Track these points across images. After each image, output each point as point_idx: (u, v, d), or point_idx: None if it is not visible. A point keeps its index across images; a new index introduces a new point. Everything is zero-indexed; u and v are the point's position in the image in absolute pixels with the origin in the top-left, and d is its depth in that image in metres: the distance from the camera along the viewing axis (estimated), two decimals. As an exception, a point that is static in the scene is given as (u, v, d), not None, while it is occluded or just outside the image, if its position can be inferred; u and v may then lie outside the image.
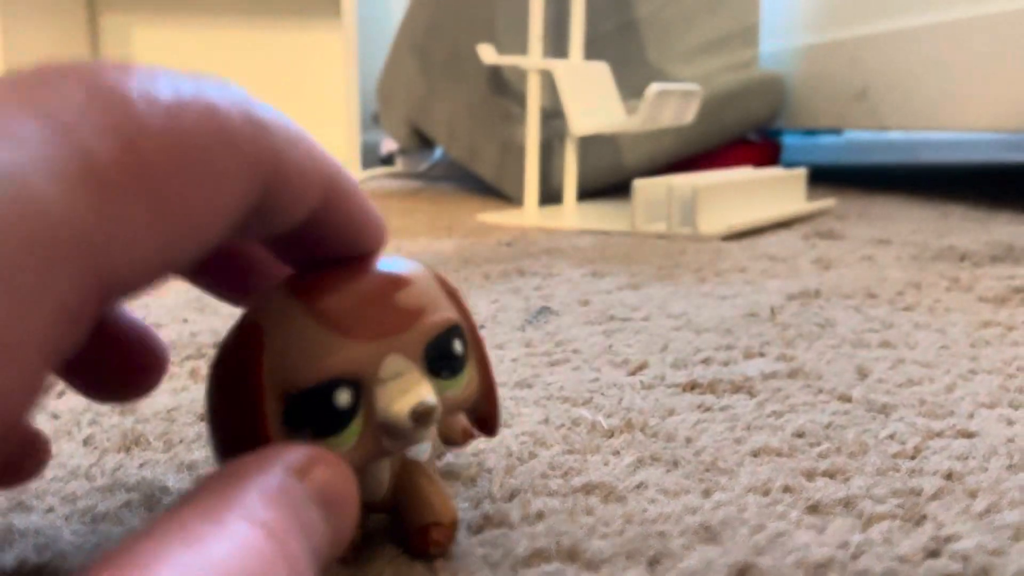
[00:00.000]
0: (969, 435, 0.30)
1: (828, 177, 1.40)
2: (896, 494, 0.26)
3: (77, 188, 0.12)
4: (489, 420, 0.22)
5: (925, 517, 0.24)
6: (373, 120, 1.76)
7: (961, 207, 1.01)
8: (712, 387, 0.36)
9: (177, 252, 0.13)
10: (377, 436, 0.18)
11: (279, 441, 0.17)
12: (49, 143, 0.12)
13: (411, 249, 0.74)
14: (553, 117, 1.08)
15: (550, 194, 1.07)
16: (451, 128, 1.23)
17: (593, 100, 0.98)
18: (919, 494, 0.26)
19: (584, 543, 0.23)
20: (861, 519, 0.24)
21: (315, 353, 0.17)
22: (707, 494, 0.26)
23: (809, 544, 0.23)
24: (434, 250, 0.73)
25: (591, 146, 1.10)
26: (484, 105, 1.14)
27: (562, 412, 0.33)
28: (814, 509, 0.25)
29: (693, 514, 0.24)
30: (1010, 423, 0.32)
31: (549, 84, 1.03)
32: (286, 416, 0.17)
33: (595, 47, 1.12)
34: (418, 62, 1.29)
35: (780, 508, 0.25)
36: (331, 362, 0.17)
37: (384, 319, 0.18)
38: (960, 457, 0.28)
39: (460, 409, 0.20)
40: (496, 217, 0.95)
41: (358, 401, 0.18)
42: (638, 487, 0.26)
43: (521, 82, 1.09)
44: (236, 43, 1.67)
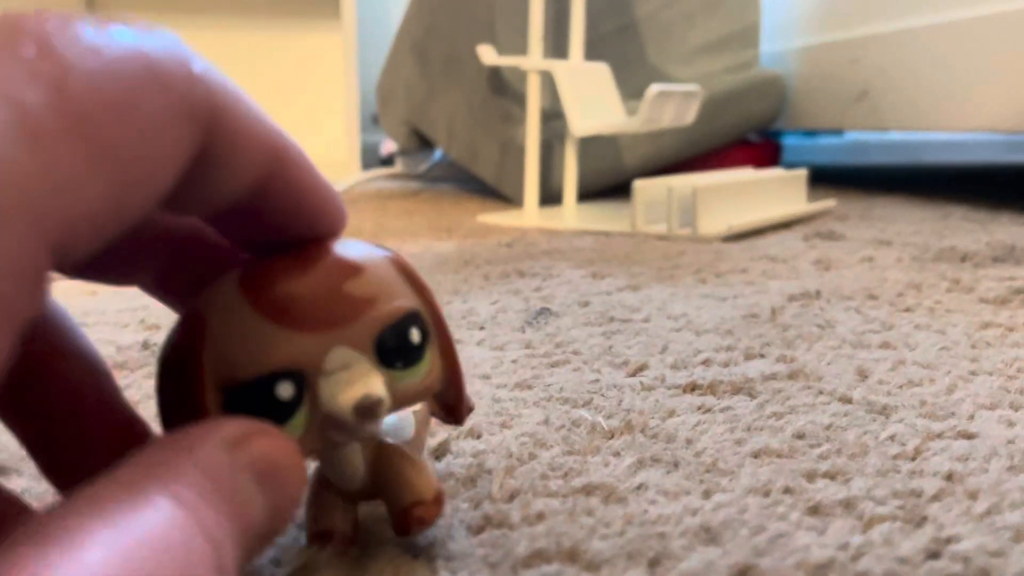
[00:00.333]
0: (970, 436, 0.30)
1: (828, 178, 1.40)
2: (897, 495, 0.26)
3: (11, 139, 0.11)
4: (455, 408, 0.21)
5: (926, 518, 0.24)
6: (373, 121, 1.77)
7: (962, 208, 1.01)
8: (712, 388, 0.36)
9: (124, 204, 0.13)
10: (323, 428, 0.18)
11: None
12: None
13: (411, 250, 0.74)
14: (553, 118, 1.08)
15: (550, 195, 1.07)
16: (451, 129, 1.23)
17: (593, 101, 0.98)
18: (920, 495, 0.26)
19: (584, 544, 0.22)
20: (862, 520, 0.24)
21: (256, 346, 0.17)
22: (707, 495, 0.26)
23: (810, 545, 0.23)
24: (434, 251, 0.73)
25: (591, 147, 1.10)
26: (484, 106, 1.14)
27: (562, 413, 0.33)
28: (815, 510, 0.25)
29: (693, 515, 0.24)
30: (1011, 424, 0.32)
31: (549, 85, 1.03)
32: (227, 408, 0.17)
33: (595, 48, 1.12)
34: (418, 63, 1.29)
35: (780, 509, 0.25)
36: (271, 355, 0.17)
37: (330, 310, 0.18)
38: (961, 458, 0.28)
39: (420, 399, 0.20)
40: (496, 218, 0.95)
41: (302, 393, 0.17)
42: (638, 488, 0.26)
43: (521, 83, 1.09)
44: (236, 44, 1.67)
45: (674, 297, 0.54)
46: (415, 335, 0.19)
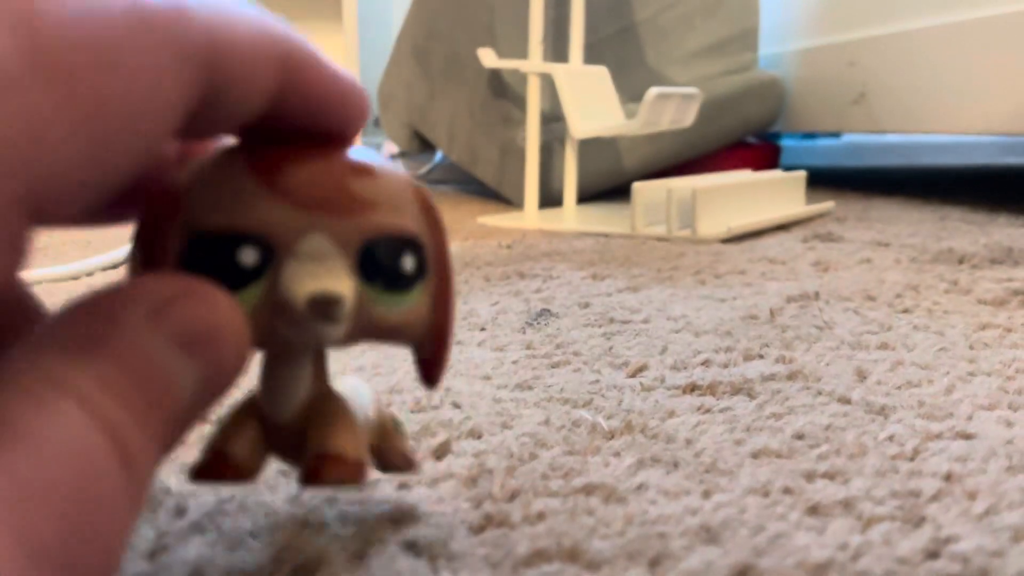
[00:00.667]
0: (968, 437, 0.30)
1: (827, 180, 1.40)
2: (895, 495, 0.26)
3: None
4: (431, 364, 0.19)
5: (924, 518, 0.24)
6: (374, 123, 1.77)
7: (959, 210, 1.01)
8: (712, 389, 0.36)
9: (110, 156, 0.12)
10: (272, 315, 0.16)
11: None
12: None
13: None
14: (553, 120, 1.08)
15: (550, 197, 1.07)
16: (451, 131, 1.23)
17: (593, 103, 0.98)
18: (918, 495, 0.26)
19: (585, 544, 0.23)
20: (861, 520, 0.24)
21: (234, 199, 0.16)
22: (707, 495, 0.26)
23: (809, 545, 0.23)
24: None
25: (591, 149, 1.10)
26: (484, 108, 1.14)
27: (562, 413, 0.33)
28: (814, 510, 0.25)
29: (693, 515, 0.24)
30: (1009, 425, 0.32)
31: (549, 87, 1.03)
32: (186, 257, 0.16)
33: (594, 51, 1.12)
34: (418, 66, 1.29)
35: (780, 509, 0.25)
36: (246, 213, 0.16)
37: (324, 193, 0.16)
38: (959, 459, 0.28)
39: (389, 336, 0.18)
40: (496, 220, 0.95)
41: (266, 267, 0.16)
42: (638, 488, 0.26)
43: (521, 86, 1.09)
44: (236, 46, 1.67)
45: (674, 298, 0.54)
46: (407, 262, 0.17)
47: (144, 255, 0.16)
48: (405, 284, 0.18)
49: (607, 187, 1.17)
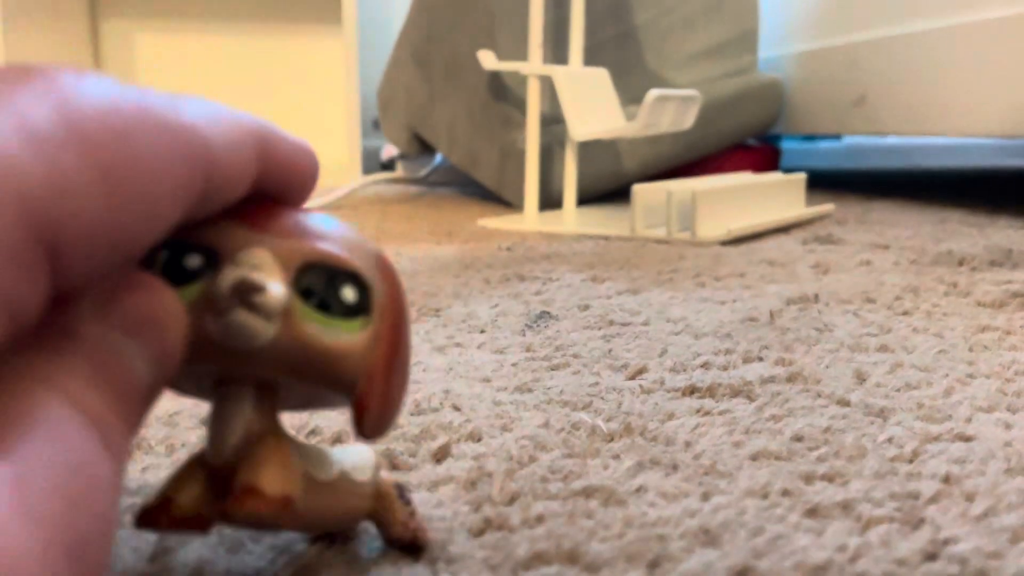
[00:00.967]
0: (967, 439, 0.31)
1: (827, 182, 1.40)
2: (894, 497, 0.26)
3: (10, 137, 0.12)
4: (361, 407, 0.18)
5: (923, 520, 0.24)
6: (374, 126, 1.77)
7: (959, 212, 1.01)
8: (711, 391, 0.36)
9: (124, 227, 0.13)
10: (204, 309, 0.17)
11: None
12: None
13: (412, 254, 0.74)
14: (553, 123, 1.08)
15: (550, 199, 1.07)
16: (451, 134, 1.23)
17: (593, 106, 0.98)
18: (917, 497, 0.26)
19: (584, 546, 0.23)
20: (859, 522, 0.24)
21: (198, 224, 0.17)
22: (706, 497, 0.26)
23: (808, 547, 0.23)
24: (435, 255, 0.74)
25: (591, 151, 1.10)
26: (484, 111, 1.14)
27: (562, 416, 0.33)
28: (813, 512, 0.25)
29: (692, 517, 0.24)
30: (1008, 427, 0.32)
31: (549, 90, 1.03)
32: (144, 263, 0.17)
33: (594, 53, 1.12)
34: (418, 68, 1.29)
35: (779, 511, 0.25)
36: (202, 232, 0.17)
37: (275, 221, 0.18)
38: (958, 461, 0.28)
39: (320, 357, 0.17)
40: (496, 222, 0.95)
41: (208, 271, 0.17)
42: (638, 491, 0.26)
43: (521, 88, 1.09)
44: (237, 49, 1.67)
45: (673, 301, 0.54)
46: (347, 292, 0.18)
47: None
48: (343, 312, 0.18)
49: (607, 189, 1.17)
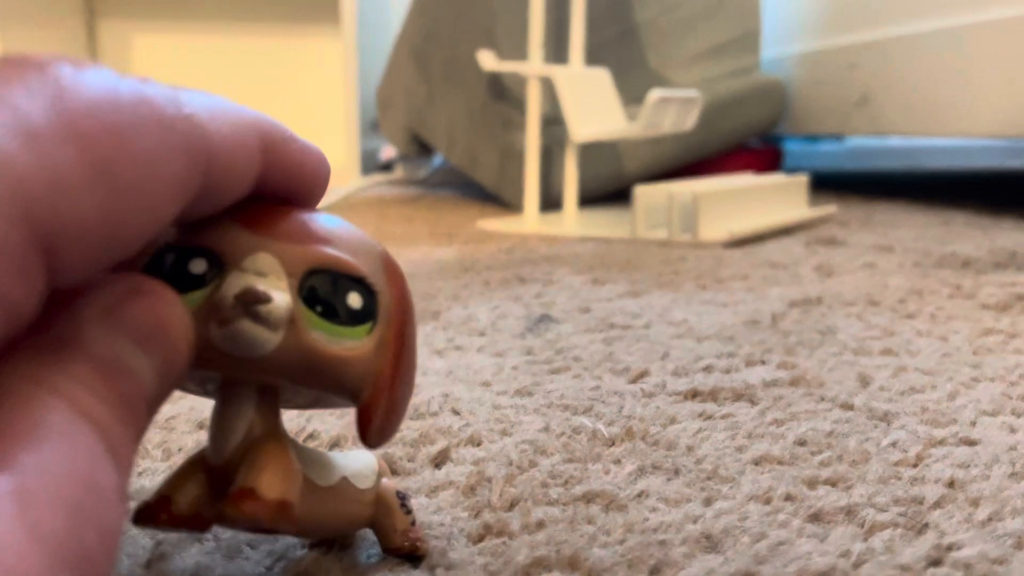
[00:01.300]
0: (971, 443, 0.30)
1: (829, 184, 1.40)
2: (898, 502, 0.25)
3: (4, 133, 0.11)
4: (367, 414, 0.19)
5: (927, 525, 0.24)
6: (373, 127, 1.77)
7: (963, 214, 1.01)
8: (713, 395, 0.36)
9: (120, 224, 0.13)
10: (209, 317, 0.17)
11: None
12: None
13: (411, 256, 0.74)
14: (553, 123, 1.08)
15: (550, 201, 1.07)
16: (451, 135, 1.23)
17: (593, 106, 0.98)
18: (921, 502, 0.25)
19: (585, 552, 0.22)
20: (863, 528, 0.24)
21: (203, 226, 0.17)
22: (708, 503, 0.26)
23: (811, 553, 0.22)
24: (434, 257, 0.73)
25: (591, 153, 1.10)
26: (484, 112, 1.14)
27: (563, 420, 0.33)
28: (816, 518, 0.25)
29: (694, 523, 0.24)
30: (1012, 431, 0.31)
31: (549, 90, 1.03)
32: (147, 267, 0.17)
33: (595, 53, 1.12)
34: (418, 69, 1.29)
35: (782, 516, 0.25)
36: (206, 234, 0.17)
37: (280, 225, 0.17)
38: (962, 465, 0.28)
39: (327, 367, 0.18)
40: (496, 224, 0.95)
41: (213, 277, 0.17)
42: (639, 496, 0.26)
43: (521, 88, 1.09)
44: (235, 50, 1.67)
45: (675, 303, 0.54)
46: (353, 299, 0.18)
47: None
48: (348, 319, 0.18)
49: (608, 191, 1.17)
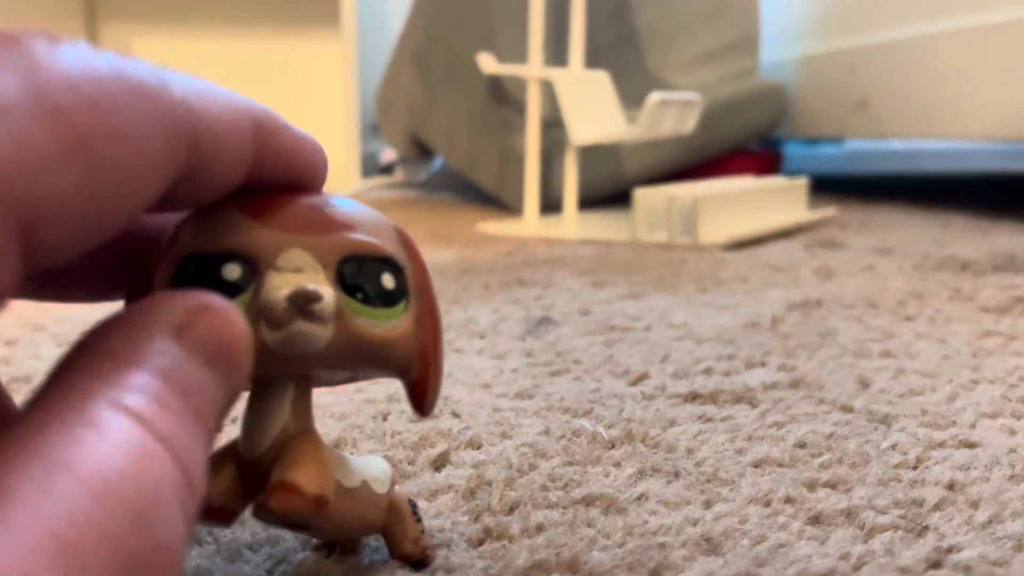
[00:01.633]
0: (971, 445, 0.30)
1: (829, 186, 1.40)
2: (898, 505, 0.25)
3: None
4: (420, 388, 0.19)
5: (927, 528, 0.24)
6: (373, 130, 1.77)
7: (962, 216, 1.01)
8: (713, 397, 0.36)
9: (101, 204, 0.12)
10: (256, 320, 0.17)
11: None
12: None
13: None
14: (553, 126, 1.08)
15: (550, 204, 1.07)
16: (451, 137, 1.23)
17: (593, 109, 0.98)
18: (921, 505, 0.25)
19: (585, 555, 0.22)
20: (863, 530, 0.24)
21: (221, 228, 0.17)
22: (708, 505, 0.26)
23: (811, 555, 0.22)
24: (434, 260, 0.73)
25: (591, 155, 1.10)
26: (484, 114, 1.14)
27: (562, 423, 0.33)
28: (816, 520, 0.25)
29: (694, 525, 0.24)
30: (1012, 433, 0.31)
31: (549, 93, 1.03)
32: (176, 278, 0.17)
33: (595, 56, 1.12)
34: (418, 71, 1.29)
35: (782, 519, 0.25)
36: (231, 237, 0.17)
37: (303, 218, 0.18)
38: (962, 467, 0.28)
39: (375, 351, 0.18)
40: (496, 227, 0.95)
41: (250, 281, 0.17)
42: (639, 499, 0.26)
43: (521, 91, 1.09)
44: (235, 52, 1.67)
45: (675, 306, 0.54)
46: (387, 280, 0.18)
47: (137, 282, 0.18)
48: (386, 300, 0.18)
49: (608, 194, 1.17)
